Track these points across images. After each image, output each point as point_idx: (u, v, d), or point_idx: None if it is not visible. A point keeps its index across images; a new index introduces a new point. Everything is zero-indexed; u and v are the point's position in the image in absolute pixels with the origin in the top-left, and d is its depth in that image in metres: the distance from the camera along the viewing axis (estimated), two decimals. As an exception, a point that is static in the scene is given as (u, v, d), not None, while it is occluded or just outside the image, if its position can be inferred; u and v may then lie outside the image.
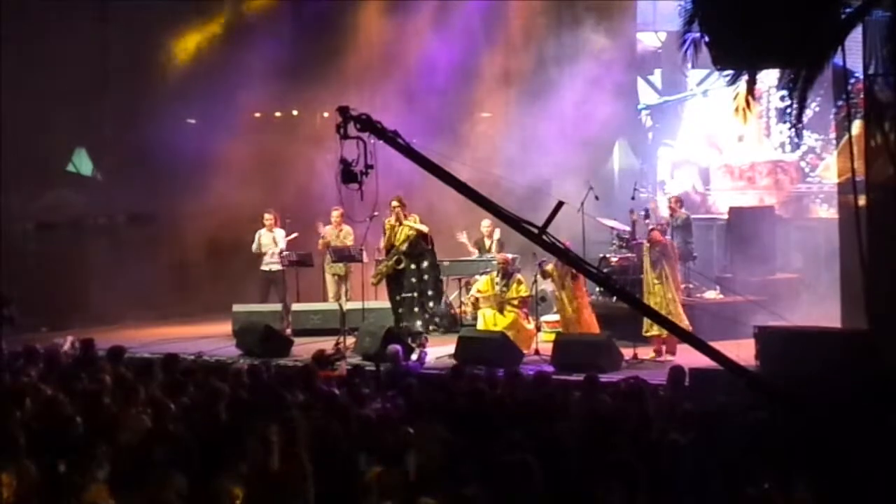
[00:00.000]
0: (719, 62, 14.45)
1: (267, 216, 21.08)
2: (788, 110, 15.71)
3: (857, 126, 15.84)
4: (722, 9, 13.56)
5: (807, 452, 8.96)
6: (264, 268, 21.10)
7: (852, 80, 16.16)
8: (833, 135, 21.29)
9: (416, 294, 18.56)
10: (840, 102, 18.27)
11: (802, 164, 22.63)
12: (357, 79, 22.98)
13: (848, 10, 13.91)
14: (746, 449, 9.08)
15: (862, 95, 15.74)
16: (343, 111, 9.84)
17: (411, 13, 24.02)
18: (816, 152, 22.32)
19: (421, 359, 17.58)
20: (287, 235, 21.12)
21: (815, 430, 9.33)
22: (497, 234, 21.19)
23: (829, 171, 21.90)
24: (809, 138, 20.82)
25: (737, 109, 16.15)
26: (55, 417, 10.26)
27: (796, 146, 22.21)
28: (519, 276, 19.21)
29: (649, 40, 24.50)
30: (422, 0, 23.98)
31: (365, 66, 23.62)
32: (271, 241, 21.04)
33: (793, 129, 16.26)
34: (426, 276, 18.81)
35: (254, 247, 21.09)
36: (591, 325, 18.54)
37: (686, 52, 15.22)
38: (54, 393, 11.44)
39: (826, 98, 19.24)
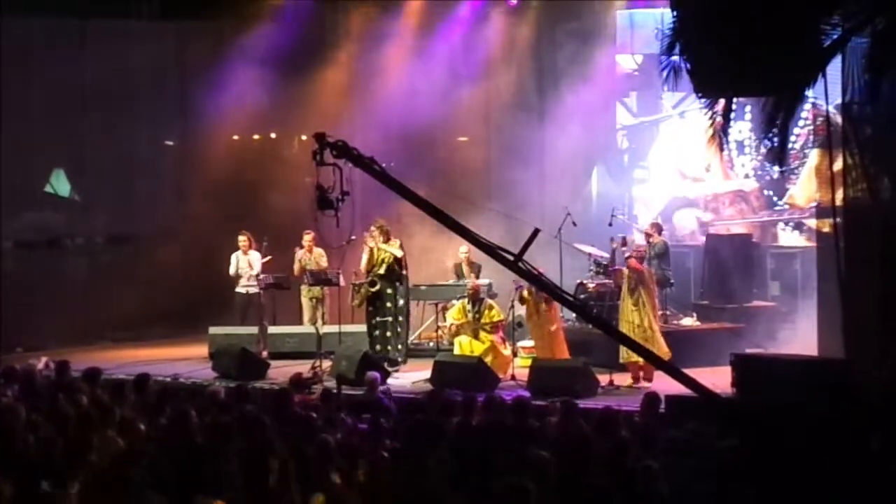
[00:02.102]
0: (701, 90, 14.43)
1: (241, 238, 20.90)
2: (770, 138, 15.70)
3: (825, 153, 15.85)
4: (702, 36, 13.54)
5: (781, 479, 8.98)
6: (240, 290, 20.94)
7: (820, 107, 16.20)
8: (796, 163, 21.34)
9: (391, 319, 18.56)
10: (808, 128, 18.31)
11: (769, 192, 22.60)
12: (335, 103, 22.96)
13: (831, 37, 13.93)
14: (721, 476, 9.09)
15: (827, 121, 15.73)
16: (319, 137, 9.82)
17: (391, 38, 24.06)
18: (777, 180, 22.26)
19: (388, 392, 16.84)
20: (263, 258, 21.00)
21: (790, 458, 9.35)
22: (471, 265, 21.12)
23: (795, 199, 21.94)
24: (771, 167, 20.87)
25: (713, 136, 16.13)
26: (35, 437, 10.24)
27: (771, 174, 22.14)
28: (490, 301, 19.19)
29: (626, 63, 24.51)
30: (402, 25, 24.05)
31: (344, 91, 23.62)
32: (247, 264, 20.90)
33: (775, 159, 16.26)
34: (401, 301, 18.80)
35: (231, 270, 20.90)
36: (564, 352, 18.58)
37: (666, 77, 15.20)
38: (33, 413, 11.43)
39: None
